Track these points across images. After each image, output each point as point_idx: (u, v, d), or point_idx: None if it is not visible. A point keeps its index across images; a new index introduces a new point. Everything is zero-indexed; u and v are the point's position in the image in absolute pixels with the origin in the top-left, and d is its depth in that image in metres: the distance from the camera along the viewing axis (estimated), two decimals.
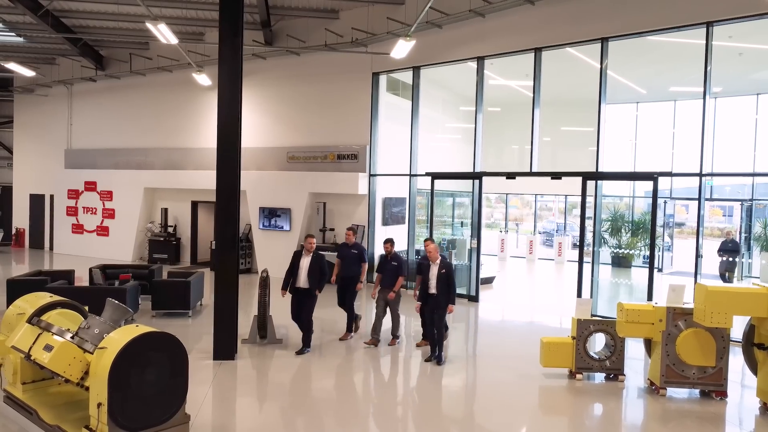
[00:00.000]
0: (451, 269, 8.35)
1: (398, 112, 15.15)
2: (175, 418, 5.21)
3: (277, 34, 15.81)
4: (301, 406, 6.72)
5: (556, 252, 21.17)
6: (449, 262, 8.47)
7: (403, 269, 9.22)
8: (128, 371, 4.86)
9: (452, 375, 8.29)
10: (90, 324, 5.48)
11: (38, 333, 5.52)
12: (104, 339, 5.11)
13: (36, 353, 5.29)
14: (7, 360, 6.07)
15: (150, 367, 5.00)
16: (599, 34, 11.33)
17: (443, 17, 12.99)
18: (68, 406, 5.70)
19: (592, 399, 7.31)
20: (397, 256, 9.38)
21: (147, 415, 5.01)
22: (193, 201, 18.01)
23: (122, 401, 4.85)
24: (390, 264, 9.25)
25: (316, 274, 8.69)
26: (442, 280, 8.24)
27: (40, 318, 5.80)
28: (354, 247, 9.81)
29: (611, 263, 19.10)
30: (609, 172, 11.83)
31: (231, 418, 6.42)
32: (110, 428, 4.81)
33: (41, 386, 6.08)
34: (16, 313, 6.14)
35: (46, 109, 21.17)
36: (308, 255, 8.77)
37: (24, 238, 21.88)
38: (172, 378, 5.15)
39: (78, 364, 5.18)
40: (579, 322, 7.72)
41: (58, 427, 5.30)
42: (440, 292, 8.28)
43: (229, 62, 8.20)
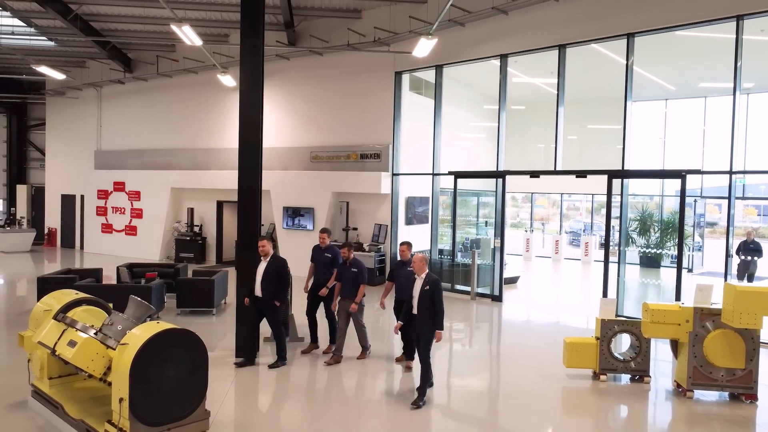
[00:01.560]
0: (438, 287, 6.80)
1: (421, 111, 15.09)
2: (195, 414, 5.26)
3: (300, 35, 15.90)
4: (322, 403, 6.74)
5: (583, 252, 20.86)
6: (437, 279, 6.89)
7: (364, 276, 8.23)
8: (149, 367, 4.92)
9: (475, 375, 8.24)
10: (113, 321, 5.58)
11: (63, 329, 5.63)
12: (126, 335, 5.19)
13: (60, 349, 5.40)
14: (34, 355, 6.21)
15: (170, 363, 5.06)
16: (625, 30, 11.12)
17: (466, 15, 12.90)
18: (93, 401, 5.80)
19: (616, 400, 7.17)
20: (357, 262, 8.33)
21: (167, 410, 5.07)
22: (219, 201, 18.22)
23: (143, 396, 4.91)
24: (349, 271, 8.25)
25: (272, 281, 7.82)
26: (426, 299, 6.75)
27: (65, 314, 5.92)
28: (328, 251, 8.75)
29: (639, 263, 18.74)
30: (635, 170, 11.61)
31: (251, 415, 6.45)
32: (131, 423, 4.88)
33: (67, 381, 6.21)
34: (43, 310, 6.27)
35: (76, 112, 21.64)
36: (265, 260, 7.93)
37: (56, 238, 22.40)
38: (192, 374, 5.21)
39: (101, 359, 5.27)
40: (603, 322, 7.58)
41: (82, 421, 5.40)
42: (423, 314, 6.77)
43: (250, 62, 8.27)
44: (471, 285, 13.28)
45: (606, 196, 11.29)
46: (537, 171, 12.77)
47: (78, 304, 6.18)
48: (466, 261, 13.90)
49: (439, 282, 6.84)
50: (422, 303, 6.75)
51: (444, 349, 9.68)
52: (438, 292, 6.75)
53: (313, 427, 6.13)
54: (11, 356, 8.25)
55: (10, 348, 8.67)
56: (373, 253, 14.48)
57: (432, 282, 6.79)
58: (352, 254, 8.38)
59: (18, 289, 14.22)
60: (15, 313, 11.28)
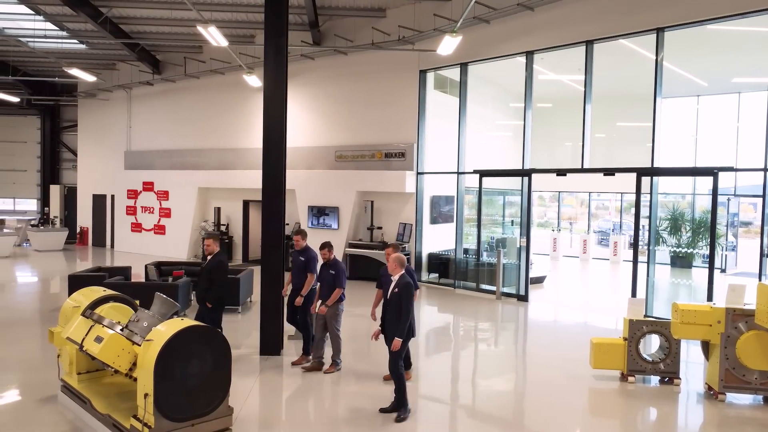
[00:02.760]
0: (407, 290, 6.12)
1: (446, 110, 15.01)
2: (218, 410, 5.30)
3: (324, 34, 15.95)
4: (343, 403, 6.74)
5: (611, 251, 20.51)
6: (407, 281, 6.18)
7: (340, 279, 7.59)
8: (173, 363, 4.97)
9: (500, 375, 8.15)
10: (139, 317, 5.65)
11: (91, 325, 5.73)
12: (151, 332, 5.25)
13: (88, 344, 5.49)
14: (63, 351, 6.34)
15: (194, 360, 5.10)
16: (654, 24, 10.86)
17: (491, 12, 12.78)
18: (119, 396, 5.89)
19: (645, 403, 7.02)
20: (336, 263, 7.74)
21: (191, 406, 5.12)
22: (245, 200, 18.39)
23: (167, 392, 4.96)
24: (328, 273, 7.70)
25: (205, 282, 7.58)
26: (394, 302, 6.18)
27: (93, 311, 6.02)
28: (302, 254, 8.10)
29: (670, 263, 18.35)
30: (665, 167, 11.34)
31: (275, 412, 6.48)
32: (156, 418, 4.94)
33: (95, 376, 6.32)
34: (72, 306, 6.39)
35: (107, 113, 22.09)
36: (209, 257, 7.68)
37: (87, 237, 22.90)
38: (215, 371, 5.24)
39: (126, 355, 5.35)
40: (631, 322, 7.42)
41: (109, 416, 5.49)
42: (389, 318, 6.23)
43: (273, 62, 8.31)
44: (496, 284, 13.15)
45: (635, 195, 11.05)
46: (563, 169, 12.59)
47: (105, 301, 6.29)
48: (492, 260, 13.77)
49: (409, 285, 6.16)
50: (389, 305, 6.23)
51: (469, 348, 9.61)
52: (406, 295, 6.10)
53: (336, 425, 6.13)
54: (44, 351, 8.44)
55: (43, 344, 8.87)
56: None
57: (401, 285, 6.17)
58: (332, 255, 7.84)
59: (51, 286, 14.56)
60: (48, 309, 11.55)
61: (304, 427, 6.15)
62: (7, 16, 16.01)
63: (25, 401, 6.54)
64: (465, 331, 10.85)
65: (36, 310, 11.76)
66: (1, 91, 20.96)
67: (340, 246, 15.52)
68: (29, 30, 16.71)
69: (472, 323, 11.36)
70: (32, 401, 6.49)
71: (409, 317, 6.12)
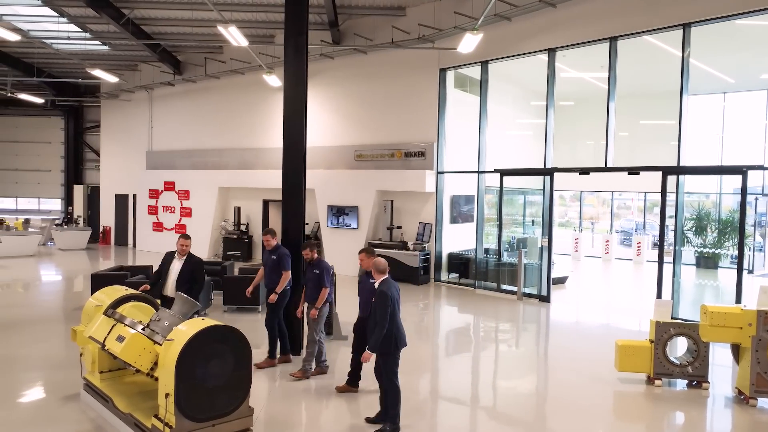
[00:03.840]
0: (382, 300, 5.66)
1: (466, 109, 14.89)
2: (239, 410, 5.27)
3: (344, 34, 15.92)
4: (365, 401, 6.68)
5: (635, 252, 20.18)
6: (382, 290, 5.74)
7: (324, 279, 7.29)
8: (194, 363, 4.95)
9: (522, 377, 8.03)
10: (160, 316, 5.65)
11: (112, 324, 5.75)
12: (172, 331, 5.24)
13: (110, 343, 5.50)
14: (86, 349, 6.36)
15: (214, 360, 5.07)
16: (680, 20, 10.63)
17: (512, 9, 12.63)
18: (141, 396, 5.90)
19: (672, 407, 6.85)
20: (320, 262, 7.42)
21: (211, 406, 5.09)
22: (264, 200, 18.45)
23: (188, 392, 4.94)
24: (312, 273, 7.39)
25: (186, 282, 7.34)
26: (373, 311, 5.79)
27: (115, 310, 6.04)
28: (273, 252, 7.86)
29: (695, 264, 18.00)
30: (692, 166, 11.09)
31: (295, 412, 6.45)
32: (177, 418, 4.92)
33: (117, 375, 6.34)
34: (94, 305, 6.42)
35: (129, 113, 22.32)
36: (181, 258, 7.49)
37: (110, 236, 23.18)
38: (236, 371, 5.21)
39: (148, 354, 5.34)
40: (658, 324, 7.25)
41: (130, 415, 5.49)
42: (370, 326, 5.84)
43: (293, 60, 8.28)
44: (517, 285, 13.00)
45: (660, 194, 10.83)
46: (587, 168, 12.39)
47: (127, 300, 6.30)
48: (512, 260, 13.62)
49: (384, 295, 5.68)
50: (372, 315, 5.79)
51: (490, 349, 9.49)
52: (381, 304, 5.66)
53: (359, 425, 6.07)
54: (67, 350, 8.51)
55: (67, 342, 8.95)
56: (418, 252, 14.36)
57: (378, 294, 5.75)
58: (315, 254, 7.51)
59: (74, 285, 14.74)
60: (71, 308, 11.68)
61: (324, 428, 6.09)
62: (32, 18, 16.25)
63: (48, 399, 6.59)
64: (486, 332, 10.73)
65: (59, 308, 11.89)
66: (27, 92, 21.33)
67: (359, 245, 15.47)
68: (53, 32, 16.95)
69: (492, 324, 11.23)
70: (56, 399, 6.54)
71: (382, 329, 5.61)
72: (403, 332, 5.88)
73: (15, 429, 5.79)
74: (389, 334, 5.69)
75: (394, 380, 5.80)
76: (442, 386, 7.61)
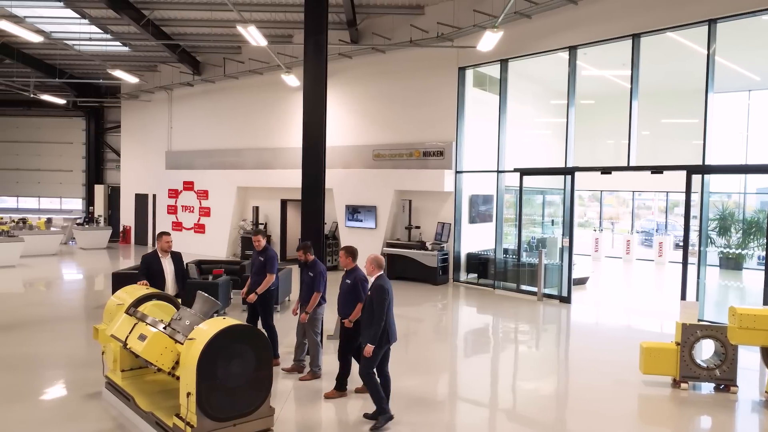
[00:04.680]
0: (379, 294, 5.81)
1: (485, 108, 14.77)
2: (260, 410, 5.25)
3: (362, 33, 15.89)
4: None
5: (656, 252, 19.88)
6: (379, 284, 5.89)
7: (319, 282, 7.23)
8: (215, 362, 4.94)
9: (543, 378, 7.92)
10: (181, 315, 5.65)
11: (134, 323, 5.76)
12: (193, 330, 5.23)
13: (131, 342, 5.51)
14: (108, 348, 6.39)
15: (236, 359, 5.06)
16: (706, 16, 10.42)
17: (532, 6, 12.50)
18: (162, 394, 5.90)
19: (699, 411, 6.70)
20: (315, 264, 7.36)
21: (233, 406, 5.08)
22: (283, 199, 18.49)
23: (209, 391, 4.93)
24: (307, 276, 7.33)
25: (181, 277, 7.53)
26: (367, 305, 5.96)
27: (136, 309, 6.06)
28: (261, 254, 7.84)
29: (719, 265, 17.67)
30: (717, 165, 10.86)
31: (315, 412, 6.41)
32: (198, 417, 4.91)
33: (138, 374, 6.36)
34: (116, 304, 6.45)
35: (149, 114, 22.52)
36: (166, 256, 7.52)
37: (130, 235, 23.41)
38: (257, 371, 5.19)
39: (169, 353, 5.34)
40: (684, 326, 7.10)
41: (152, 413, 5.50)
42: (364, 322, 5.98)
43: (313, 59, 8.26)
44: (538, 285, 12.85)
45: (684, 194, 10.63)
46: (609, 167, 12.21)
47: (148, 299, 6.32)
48: (532, 261, 13.48)
49: (381, 289, 5.84)
50: (366, 310, 5.93)
51: (509, 351, 9.39)
52: (378, 300, 5.78)
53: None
54: (89, 348, 8.58)
55: (88, 340, 9.03)
56: (437, 252, 14.28)
57: (373, 288, 5.92)
58: (309, 257, 7.41)
59: (95, 283, 14.89)
60: (93, 306, 11.79)
61: (344, 429, 6.05)
62: (54, 20, 16.44)
63: (71, 397, 6.64)
64: (505, 333, 10.62)
65: (81, 306, 12.02)
66: (49, 93, 21.61)
67: (378, 245, 15.44)
68: (75, 33, 17.14)
69: (512, 324, 11.11)
70: (78, 397, 6.58)
71: (380, 322, 5.73)
72: (394, 327, 5.98)
73: (39, 426, 5.83)
74: (382, 329, 5.80)
75: (370, 373, 5.84)
76: (461, 387, 7.54)
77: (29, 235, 18.53)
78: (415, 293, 13.47)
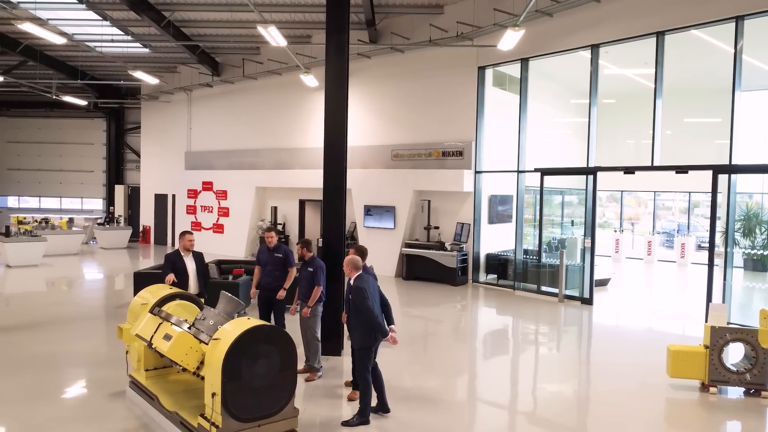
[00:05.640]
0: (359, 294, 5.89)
1: (504, 107, 14.65)
2: (284, 411, 5.22)
3: (381, 33, 15.85)
4: (408, 400, 6.57)
5: (679, 253, 19.59)
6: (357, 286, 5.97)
7: (319, 277, 7.26)
8: (240, 362, 4.92)
9: (566, 380, 7.81)
10: (205, 315, 5.65)
11: (159, 323, 5.77)
12: (218, 330, 5.22)
13: (157, 342, 5.52)
14: (132, 347, 6.42)
15: (261, 360, 5.04)
16: (734, 12, 10.22)
17: (554, 5, 12.37)
18: (186, 394, 5.91)
19: (728, 415, 6.56)
20: (314, 260, 7.41)
21: (258, 406, 5.06)
22: (301, 199, 18.52)
23: (234, 392, 4.92)
24: (306, 271, 7.35)
25: (202, 276, 7.69)
26: (352, 307, 6.04)
27: (161, 308, 6.07)
28: (277, 250, 7.92)
29: (743, 266, 17.36)
30: (745, 165, 10.64)
31: (337, 413, 6.38)
32: (223, 417, 4.90)
33: (162, 373, 6.38)
34: (140, 303, 6.48)
35: (168, 115, 22.69)
36: (188, 255, 7.70)
37: (150, 235, 23.61)
38: (282, 371, 5.17)
39: (194, 353, 5.34)
40: (713, 329, 6.95)
41: (176, 413, 5.50)
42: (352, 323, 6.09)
43: (335, 59, 8.23)
44: (559, 287, 12.71)
45: (710, 194, 10.43)
46: (632, 167, 12.02)
47: (172, 299, 6.33)
48: (553, 261, 13.34)
49: (359, 290, 5.90)
50: (351, 311, 6.04)
51: (529, 352, 9.28)
52: (360, 300, 5.86)
53: (407, 426, 5.97)
54: (111, 347, 8.64)
55: (109, 339, 9.09)
56: (456, 253, 14.19)
57: (353, 290, 6.00)
58: (309, 253, 7.45)
59: (116, 283, 15.02)
60: (114, 306, 11.89)
61: (367, 430, 6.01)
62: (76, 22, 16.62)
63: (95, 396, 6.66)
64: (526, 334, 10.50)
65: (102, 306, 12.12)
66: (71, 95, 21.87)
67: (396, 246, 15.40)
68: (97, 35, 17.31)
69: (533, 326, 10.99)
70: (102, 396, 6.61)
71: (371, 320, 5.84)
72: (382, 322, 6.00)
73: (65, 425, 5.87)
74: (370, 327, 5.90)
75: (366, 373, 5.99)
76: (480, 389, 7.47)
77: (52, 234, 18.76)
78: (433, 294, 13.40)
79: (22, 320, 10.20)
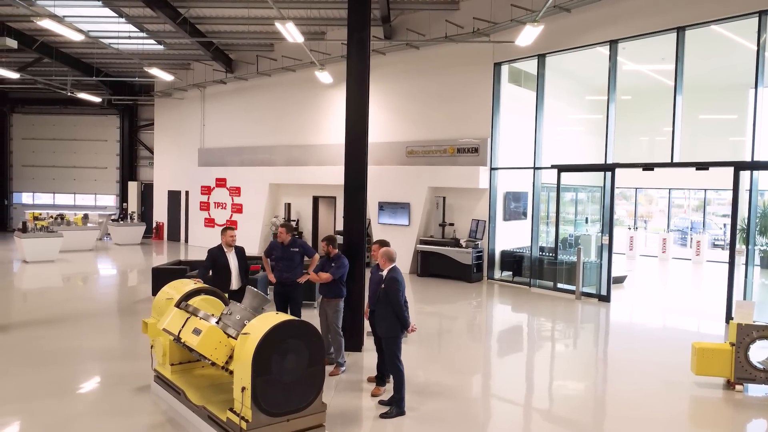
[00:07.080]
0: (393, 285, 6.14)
1: (520, 104, 14.59)
2: (312, 405, 5.23)
3: (396, 29, 15.82)
4: (429, 395, 6.57)
5: (694, 251, 19.46)
6: (392, 276, 6.21)
7: (337, 271, 7.39)
8: (270, 357, 4.93)
9: (586, 378, 7.78)
10: (232, 310, 5.66)
11: (186, 317, 5.78)
12: (247, 325, 5.23)
13: (185, 336, 5.53)
14: (157, 342, 6.45)
15: (290, 354, 5.04)
16: (756, 7, 10.11)
17: (573, 0, 12.29)
18: (212, 389, 5.93)
19: (754, 413, 6.51)
20: (339, 257, 7.52)
21: (287, 401, 5.06)
22: (314, 196, 18.54)
23: (264, 386, 4.93)
24: (329, 266, 7.46)
25: (244, 271, 7.86)
26: (383, 298, 6.23)
27: (187, 303, 6.08)
28: (293, 245, 7.97)
29: (761, 264, 17.22)
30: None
31: (359, 408, 6.39)
32: (253, 412, 4.91)
33: (187, 368, 6.40)
34: (165, 298, 6.50)
35: (181, 112, 22.77)
36: (231, 250, 7.86)
37: (163, 231, 23.71)
38: (310, 366, 5.17)
39: (223, 348, 5.35)
40: (740, 326, 6.90)
41: (204, 407, 5.52)
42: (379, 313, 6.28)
43: (356, 55, 8.24)
44: (576, 284, 12.66)
45: (732, 191, 10.35)
46: (651, 163, 11.94)
47: (197, 294, 6.35)
48: (569, 259, 13.28)
49: (394, 281, 6.16)
50: (381, 302, 6.23)
51: (545, 349, 9.24)
52: (393, 291, 6.11)
53: (426, 425, 5.96)
54: (130, 342, 8.69)
55: (129, 334, 9.14)
56: (471, 250, 14.16)
57: (387, 280, 6.20)
58: (333, 250, 7.51)
59: (131, 279, 15.10)
60: (131, 301, 11.96)
61: (391, 425, 6.01)
62: (92, 19, 16.69)
63: (119, 390, 6.68)
64: (543, 331, 10.47)
65: (119, 301, 12.19)
66: (86, 91, 21.98)
67: (411, 243, 15.38)
68: (113, 32, 17.39)
69: (550, 323, 10.96)
70: (127, 390, 6.64)
71: (403, 311, 6.12)
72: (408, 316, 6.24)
73: (93, 419, 5.90)
74: (396, 318, 6.13)
75: (397, 363, 6.16)
76: (495, 386, 7.44)
77: (67, 230, 18.87)
78: (449, 291, 13.38)
79: (40, 316, 10.27)
